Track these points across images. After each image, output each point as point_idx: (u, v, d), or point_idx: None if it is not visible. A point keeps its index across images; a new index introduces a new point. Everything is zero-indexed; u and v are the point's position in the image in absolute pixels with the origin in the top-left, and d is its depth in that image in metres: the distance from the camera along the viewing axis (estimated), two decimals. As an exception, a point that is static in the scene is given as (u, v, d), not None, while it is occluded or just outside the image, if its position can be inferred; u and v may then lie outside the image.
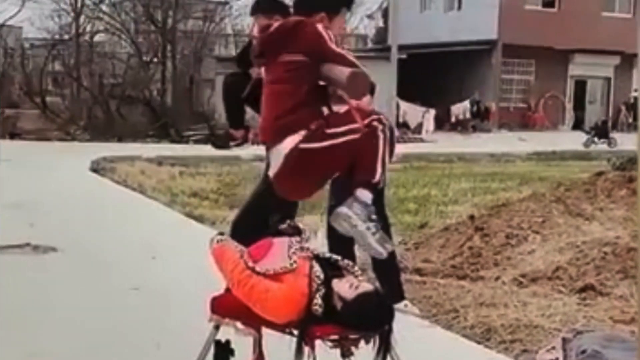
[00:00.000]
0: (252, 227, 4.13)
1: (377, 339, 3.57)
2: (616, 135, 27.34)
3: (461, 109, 35.78)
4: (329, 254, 3.90)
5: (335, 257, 3.84)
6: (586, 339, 4.60)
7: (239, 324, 3.86)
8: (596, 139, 26.87)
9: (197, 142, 27.42)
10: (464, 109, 35.80)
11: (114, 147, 23.01)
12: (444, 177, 15.57)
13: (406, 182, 14.54)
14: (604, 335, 4.79)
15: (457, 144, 25.69)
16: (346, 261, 3.82)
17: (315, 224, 7.99)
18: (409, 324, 5.43)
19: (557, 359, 4.67)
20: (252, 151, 13.59)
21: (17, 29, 41.87)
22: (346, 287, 3.56)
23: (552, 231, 7.60)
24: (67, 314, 6.08)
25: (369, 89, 4.34)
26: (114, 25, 35.44)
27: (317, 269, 3.63)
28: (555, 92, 38.79)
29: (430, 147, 25.48)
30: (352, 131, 3.51)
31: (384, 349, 3.58)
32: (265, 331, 3.89)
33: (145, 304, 6.44)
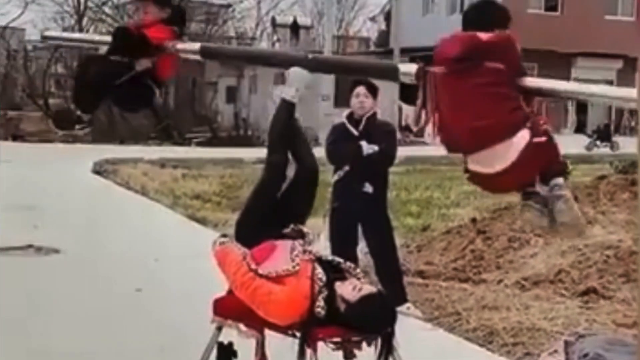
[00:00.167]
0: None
1: (379, 341, 3.58)
2: (619, 138, 27.25)
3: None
4: (331, 257, 3.91)
5: (337, 259, 3.85)
6: (588, 343, 4.59)
7: (241, 326, 3.86)
8: (598, 143, 26.82)
9: (199, 144, 27.46)
10: (467, 112, 35.76)
11: (117, 149, 23.02)
12: (446, 180, 15.51)
13: (409, 184, 14.53)
14: (606, 338, 4.78)
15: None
16: (348, 264, 3.82)
17: (318, 226, 7.99)
18: (411, 327, 5.43)
19: (559, 362, 4.67)
20: (255, 154, 13.60)
21: (20, 31, 41.89)
22: (349, 289, 3.57)
23: (555, 235, 7.59)
24: (69, 315, 6.09)
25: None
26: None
27: (320, 272, 3.64)
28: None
29: (432, 150, 25.20)
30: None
31: (386, 351, 3.58)
32: (267, 333, 3.90)
33: (147, 305, 6.45)
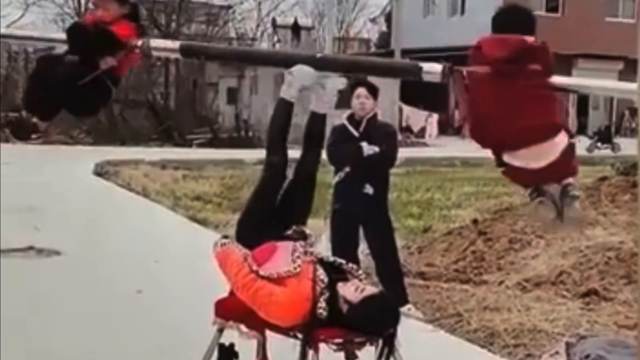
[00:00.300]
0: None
1: (380, 342, 3.57)
2: (620, 140, 27.23)
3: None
4: (332, 258, 3.90)
5: (339, 260, 3.84)
6: (590, 344, 4.60)
7: (243, 327, 3.86)
8: (600, 144, 26.79)
9: (200, 145, 27.45)
10: (468, 113, 35.72)
11: (117, 150, 22.99)
12: (447, 181, 15.54)
13: (409, 186, 14.52)
14: (608, 340, 4.78)
15: (460, 148, 25.53)
16: (350, 265, 3.82)
17: (319, 228, 7.99)
18: (412, 328, 5.43)
19: (560, 364, 4.67)
20: (256, 155, 13.58)
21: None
22: (352, 290, 3.57)
23: (556, 236, 7.58)
24: (70, 317, 6.09)
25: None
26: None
27: (321, 273, 3.64)
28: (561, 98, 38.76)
29: (433, 151, 25.44)
30: None
31: (387, 353, 3.58)
32: (269, 334, 3.89)
33: (148, 307, 6.45)
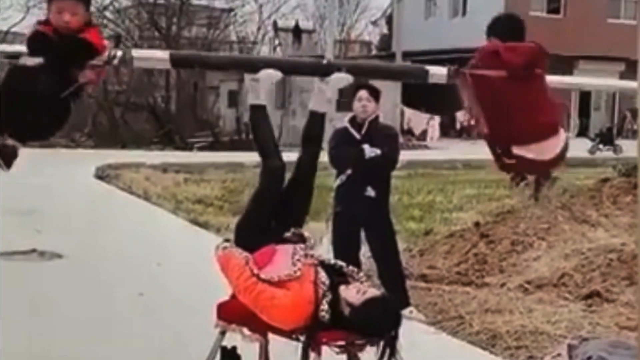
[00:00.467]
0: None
1: (382, 344, 3.57)
2: (621, 142, 27.20)
3: (466, 116, 35.60)
4: (334, 261, 3.91)
5: (340, 263, 3.85)
6: (592, 346, 4.59)
7: (245, 330, 3.86)
8: (601, 146, 26.77)
9: (201, 149, 27.46)
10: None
11: (119, 154, 23.00)
12: (448, 184, 15.53)
13: (411, 189, 14.52)
14: (610, 342, 4.77)
15: (462, 150, 25.54)
16: (351, 267, 3.82)
17: (320, 230, 7.99)
18: (414, 331, 5.42)
19: (562, 366, 4.66)
20: (256, 158, 13.58)
21: (22, 36, 41.90)
22: (354, 293, 3.57)
23: (558, 238, 7.59)
24: (72, 319, 6.08)
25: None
26: (118, 31, 35.43)
27: (323, 275, 3.64)
28: (560, 98, 38.70)
29: (435, 154, 25.42)
30: None
31: (389, 355, 3.57)
32: (271, 337, 3.89)
33: (150, 309, 6.44)
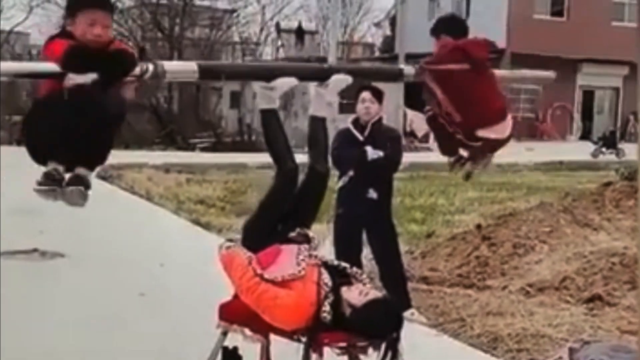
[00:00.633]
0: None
1: (384, 346, 3.57)
2: (624, 145, 27.18)
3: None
4: (337, 262, 3.91)
5: (343, 264, 3.85)
6: (593, 349, 4.58)
7: (247, 331, 3.86)
8: (604, 149, 26.73)
9: (203, 149, 27.46)
10: (471, 118, 35.61)
11: (121, 154, 22.92)
12: (450, 186, 15.50)
13: (413, 191, 14.53)
14: (611, 345, 4.77)
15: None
16: (354, 269, 3.82)
17: (321, 232, 7.99)
18: (415, 333, 5.42)
19: (564, 369, 4.66)
20: (259, 159, 13.58)
21: (25, 36, 41.98)
22: (355, 294, 3.57)
23: (560, 241, 7.58)
24: (73, 319, 6.09)
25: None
26: (121, 32, 35.48)
27: (326, 277, 3.64)
28: (563, 102, 38.65)
29: (437, 156, 25.29)
30: None
31: (390, 357, 3.57)
32: (273, 338, 3.89)
33: (151, 310, 6.45)
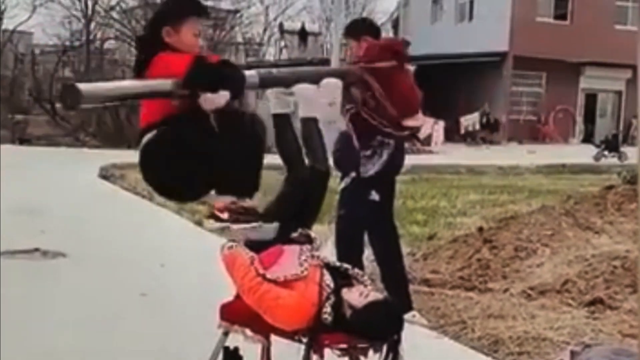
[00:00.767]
0: None
1: (384, 348, 3.57)
2: (627, 149, 27.18)
3: (471, 121, 35.59)
4: (338, 263, 3.91)
5: (345, 265, 3.85)
6: (594, 353, 4.58)
7: (248, 331, 3.86)
8: (606, 153, 26.74)
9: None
10: (474, 120, 35.63)
11: (123, 154, 22.97)
12: (452, 188, 15.54)
13: (415, 193, 14.52)
14: (612, 349, 4.76)
15: (466, 155, 25.59)
16: (356, 270, 3.83)
17: (324, 233, 7.99)
18: (416, 335, 5.43)
19: (565, 372, 4.65)
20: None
21: (28, 35, 42.05)
22: (356, 296, 3.57)
23: (562, 244, 7.58)
24: (74, 319, 6.09)
25: None
26: (124, 32, 35.51)
27: (328, 278, 3.64)
28: (565, 105, 38.65)
29: (439, 158, 25.40)
30: None
31: (391, 359, 3.57)
32: (273, 338, 3.90)
33: (153, 310, 6.45)
